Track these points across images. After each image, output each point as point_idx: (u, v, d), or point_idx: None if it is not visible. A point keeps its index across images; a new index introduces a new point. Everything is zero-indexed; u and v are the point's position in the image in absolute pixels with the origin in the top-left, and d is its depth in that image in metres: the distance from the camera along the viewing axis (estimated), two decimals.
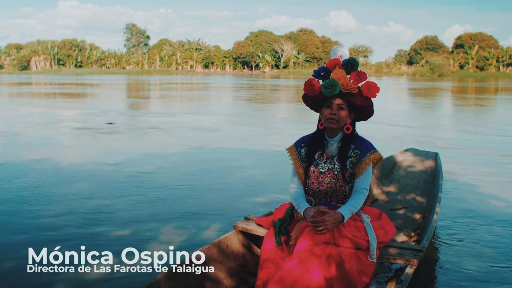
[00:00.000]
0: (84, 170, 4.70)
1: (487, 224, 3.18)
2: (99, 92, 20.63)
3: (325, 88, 1.86)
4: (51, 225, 3.06)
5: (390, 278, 2.29)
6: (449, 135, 7.95)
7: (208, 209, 3.43)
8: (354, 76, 1.87)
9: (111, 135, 7.49)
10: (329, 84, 1.86)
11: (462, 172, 4.85)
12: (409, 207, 3.18)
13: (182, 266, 1.90)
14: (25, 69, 59.97)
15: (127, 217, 3.19)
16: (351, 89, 1.86)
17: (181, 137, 7.01)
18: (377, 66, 62.27)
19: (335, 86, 1.85)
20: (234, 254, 2.15)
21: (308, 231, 1.79)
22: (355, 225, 1.86)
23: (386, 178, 3.61)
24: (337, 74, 1.87)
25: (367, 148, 1.93)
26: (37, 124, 8.63)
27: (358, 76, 1.87)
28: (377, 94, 1.89)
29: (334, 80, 1.86)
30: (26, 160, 5.17)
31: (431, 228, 2.30)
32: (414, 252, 1.93)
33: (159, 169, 4.73)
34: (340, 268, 1.72)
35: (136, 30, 73.15)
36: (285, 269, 1.72)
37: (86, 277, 2.31)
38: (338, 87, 1.85)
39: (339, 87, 1.85)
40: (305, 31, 67.84)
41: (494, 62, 56.97)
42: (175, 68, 64.98)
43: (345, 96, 1.88)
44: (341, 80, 1.86)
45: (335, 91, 1.86)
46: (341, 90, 1.86)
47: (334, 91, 1.86)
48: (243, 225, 2.19)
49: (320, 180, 1.93)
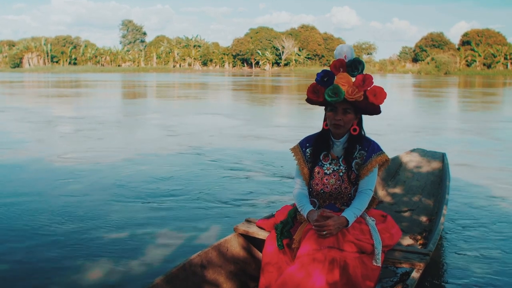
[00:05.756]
0: (79, 170, 4.66)
1: (496, 227, 3.11)
2: (86, 92, 20.67)
3: (329, 96, 1.80)
4: (47, 226, 3.02)
5: (395, 283, 2.26)
6: (456, 135, 7.85)
7: (207, 211, 3.38)
8: (359, 81, 1.79)
9: (106, 135, 7.49)
10: (332, 92, 1.79)
11: (470, 173, 4.76)
12: (415, 209, 3.12)
13: (181, 270, 1.85)
14: (17, 66, 59.71)
15: (124, 220, 3.15)
16: (356, 97, 1.79)
17: (180, 137, 6.97)
18: (381, 64, 61.93)
19: (340, 93, 1.78)
20: (235, 258, 2.11)
21: (311, 235, 1.76)
22: (360, 228, 1.82)
23: (392, 179, 3.54)
24: (341, 79, 1.80)
25: (373, 149, 1.89)
26: (29, 125, 8.65)
27: (364, 82, 1.79)
28: (384, 100, 1.81)
29: (338, 87, 1.78)
30: (18, 160, 5.15)
31: (438, 231, 2.25)
32: (421, 256, 1.89)
33: (157, 170, 4.68)
34: (344, 272, 1.69)
35: (132, 26, 73.17)
36: (287, 274, 1.69)
37: (81, 281, 2.27)
38: (343, 94, 1.79)
39: (343, 94, 1.79)
40: (307, 27, 67.59)
41: (502, 60, 56.38)
42: (173, 66, 64.73)
43: (350, 101, 1.81)
44: (346, 86, 1.79)
45: (339, 99, 1.79)
46: (345, 97, 1.80)
47: (339, 99, 1.79)
48: (244, 227, 2.16)
49: (325, 181, 1.89)
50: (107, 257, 2.51)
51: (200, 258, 1.95)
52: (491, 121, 9.98)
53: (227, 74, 47.98)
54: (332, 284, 1.66)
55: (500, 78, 43.50)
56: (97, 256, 2.53)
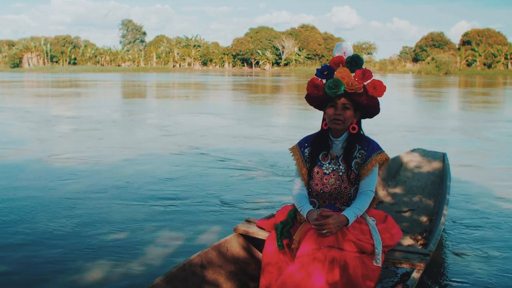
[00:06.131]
0: (79, 170, 4.65)
1: (497, 227, 3.10)
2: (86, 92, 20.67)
3: (329, 88, 1.82)
4: (47, 227, 3.02)
5: (396, 283, 2.25)
6: (457, 136, 7.83)
7: (207, 211, 3.37)
8: (359, 75, 1.83)
9: (106, 135, 7.48)
10: (333, 84, 1.81)
11: (471, 173, 4.75)
12: (415, 209, 3.11)
13: (181, 270, 1.84)
14: (17, 66, 59.54)
15: (123, 220, 3.14)
16: (356, 88, 1.81)
17: (180, 137, 6.96)
18: (381, 64, 61.84)
19: (340, 85, 1.80)
20: (234, 258, 2.11)
21: (311, 234, 1.75)
22: (360, 228, 1.82)
23: (392, 179, 3.53)
24: (341, 73, 1.82)
25: (373, 148, 1.89)
26: (28, 124, 8.65)
27: (363, 75, 1.83)
28: (383, 93, 1.83)
29: (338, 80, 1.81)
30: (18, 160, 5.15)
31: (438, 231, 2.25)
32: (421, 256, 1.88)
33: (157, 170, 4.67)
34: (344, 272, 1.68)
35: (132, 26, 73.04)
36: (287, 274, 1.69)
37: (81, 281, 2.26)
38: (343, 86, 1.81)
39: (343, 86, 1.81)
40: (307, 27, 67.52)
41: (502, 60, 56.32)
42: (172, 66, 64.61)
43: (350, 95, 1.83)
44: (346, 79, 1.81)
45: (339, 91, 1.81)
46: (345, 90, 1.81)
47: (339, 91, 1.81)
48: (244, 227, 2.15)
49: (324, 181, 1.89)
50: (107, 257, 2.50)
51: (200, 258, 1.94)
52: (491, 121, 9.97)
53: (227, 74, 47.95)
54: (332, 284, 1.65)
55: (500, 78, 43.45)
56: (97, 256, 2.53)
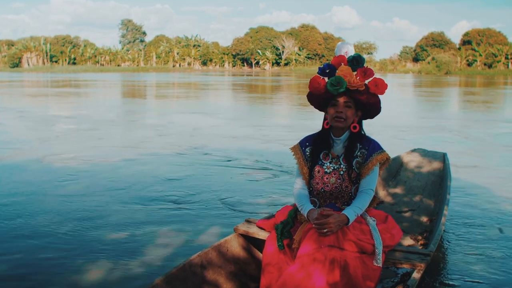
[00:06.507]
0: (79, 170, 4.64)
1: (497, 227, 3.09)
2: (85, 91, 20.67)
3: (331, 85, 1.82)
4: (47, 227, 3.02)
5: (396, 283, 2.25)
6: (457, 136, 7.83)
7: (207, 211, 3.37)
8: (361, 73, 1.83)
9: (105, 135, 7.48)
10: (335, 81, 1.81)
11: (471, 173, 4.75)
12: (416, 209, 3.11)
13: (181, 270, 1.84)
14: (16, 66, 59.47)
15: (123, 220, 3.13)
16: (358, 86, 1.81)
17: (179, 137, 6.95)
18: (382, 63, 61.81)
19: (342, 83, 1.81)
20: (235, 258, 2.10)
21: (311, 234, 1.75)
22: (360, 228, 1.81)
23: (392, 179, 3.52)
24: (343, 71, 1.83)
25: (374, 148, 1.89)
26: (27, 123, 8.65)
27: (365, 73, 1.83)
28: (385, 91, 1.83)
29: (340, 77, 1.81)
30: (18, 160, 5.14)
31: (439, 231, 2.25)
32: (421, 257, 1.88)
33: (157, 170, 4.67)
34: (344, 272, 1.68)
35: (132, 26, 72.98)
36: (287, 274, 1.68)
37: (81, 281, 2.26)
38: (345, 84, 1.81)
39: (345, 84, 1.81)
40: (307, 27, 67.47)
41: (502, 59, 56.28)
42: (172, 65, 64.55)
43: (352, 94, 1.83)
44: (347, 77, 1.82)
45: (341, 88, 1.81)
46: (347, 88, 1.82)
47: (341, 88, 1.81)
48: (244, 228, 2.15)
49: (325, 180, 1.89)
50: (107, 257, 2.50)
51: (200, 258, 1.94)
52: (492, 121, 9.96)
53: (226, 74, 47.94)
54: (332, 284, 1.65)
55: (501, 78, 43.41)
56: (97, 256, 2.52)
